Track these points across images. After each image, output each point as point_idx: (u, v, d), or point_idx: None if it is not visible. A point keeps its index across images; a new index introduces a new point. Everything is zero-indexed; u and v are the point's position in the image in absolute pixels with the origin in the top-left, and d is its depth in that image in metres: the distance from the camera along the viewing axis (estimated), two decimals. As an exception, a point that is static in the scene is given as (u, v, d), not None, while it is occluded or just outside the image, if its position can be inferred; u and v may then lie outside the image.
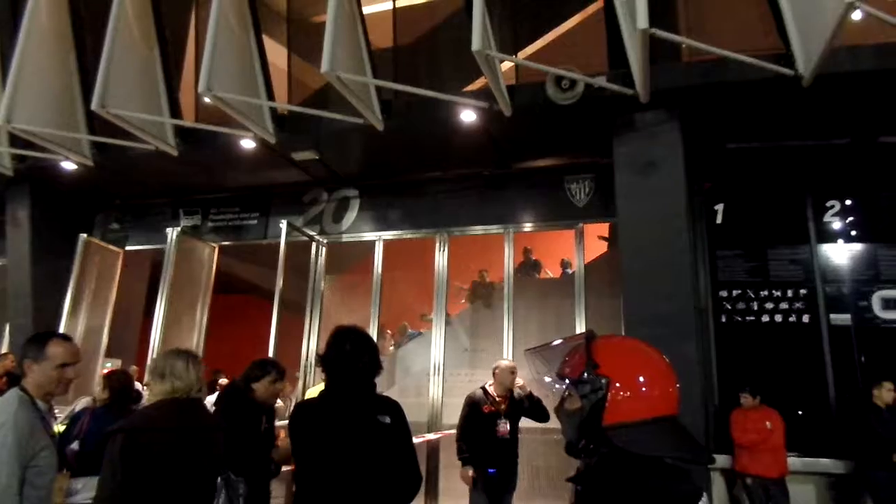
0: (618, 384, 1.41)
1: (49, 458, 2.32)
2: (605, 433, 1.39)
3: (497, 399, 4.95)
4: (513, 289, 7.37)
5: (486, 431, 4.87)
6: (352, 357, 2.40)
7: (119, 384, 4.08)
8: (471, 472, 4.84)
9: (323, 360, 2.44)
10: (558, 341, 1.61)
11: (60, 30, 7.02)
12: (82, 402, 4.86)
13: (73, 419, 4.08)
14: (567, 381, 1.49)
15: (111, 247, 8.89)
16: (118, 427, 2.30)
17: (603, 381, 1.41)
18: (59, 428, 3.87)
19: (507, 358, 6.58)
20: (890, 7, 6.03)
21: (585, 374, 1.44)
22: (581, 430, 1.44)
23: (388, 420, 2.38)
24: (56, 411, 4.11)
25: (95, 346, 8.52)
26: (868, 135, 6.22)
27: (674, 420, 1.42)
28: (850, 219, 6.24)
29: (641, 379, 1.44)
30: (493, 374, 5.06)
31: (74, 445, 3.79)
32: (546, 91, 5.69)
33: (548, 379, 1.59)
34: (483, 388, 5.04)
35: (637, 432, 1.37)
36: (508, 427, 4.90)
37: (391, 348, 10.47)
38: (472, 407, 4.96)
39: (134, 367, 7.70)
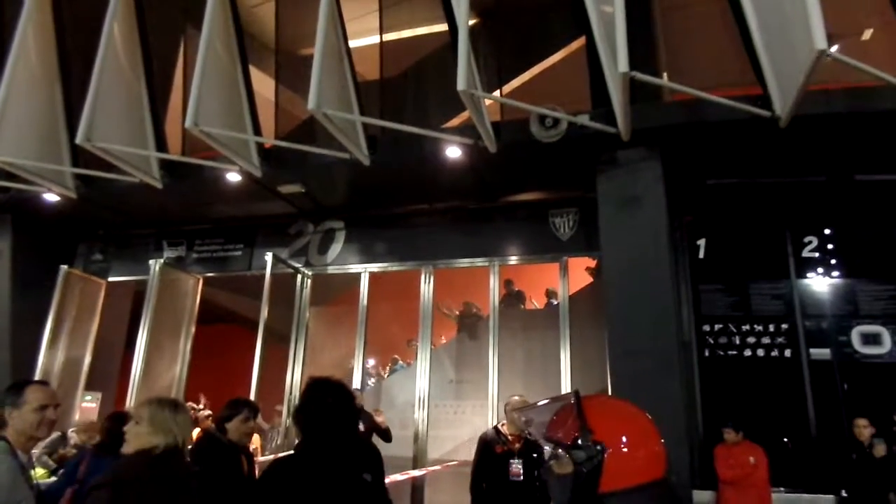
0: (614, 450, 1.43)
1: None
2: (602, 500, 1.41)
3: (510, 438, 4.57)
4: (498, 320, 7.39)
5: (498, 473, 4.51)
6: (334, 411, 2.25)
7: (118, 428, 3.91)
8: None
9: (302, 413, 2.27)
10: (544, 402, 1.61)
11: (47, 62, 7.02)
12: (54, 436, 4.77)
13: (77, 462, 3.96)
14: (556, 443, 1.50)
15: (93, 278, 8.78)
16: (102, 481, 2.25)
17: (598, 447, 1.43)
18: (38, 471, 3.77)
19: (517, 395, 6.28)
20: (860, 48, 6.26)
21: (580, 441, 1.45)
22: (575, 495, 1.45)
23: (369, 478, 2.29)
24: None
25: (74, 380, 8.35)
26: (844, 173, 6.37)
27: (664, 482, 1.45)
28: (828, 254, 6.35)
29: (636, 444, 1.46)
30: (505, 412, 4.76)
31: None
32: (530, 129, 5.79)
33: (541, 441, 1.59)
34: (495, 428, 4.72)
35: (633, 498, 1.40)
36: (522, 468, 4.51)
37: (372, 382, 10.39)
38: (485, 448, 4.60)
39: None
